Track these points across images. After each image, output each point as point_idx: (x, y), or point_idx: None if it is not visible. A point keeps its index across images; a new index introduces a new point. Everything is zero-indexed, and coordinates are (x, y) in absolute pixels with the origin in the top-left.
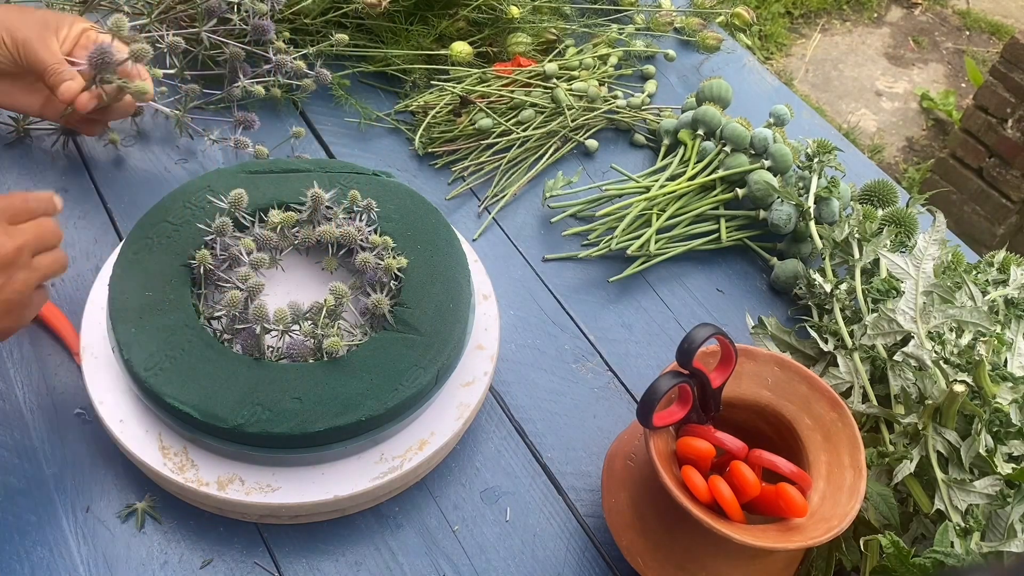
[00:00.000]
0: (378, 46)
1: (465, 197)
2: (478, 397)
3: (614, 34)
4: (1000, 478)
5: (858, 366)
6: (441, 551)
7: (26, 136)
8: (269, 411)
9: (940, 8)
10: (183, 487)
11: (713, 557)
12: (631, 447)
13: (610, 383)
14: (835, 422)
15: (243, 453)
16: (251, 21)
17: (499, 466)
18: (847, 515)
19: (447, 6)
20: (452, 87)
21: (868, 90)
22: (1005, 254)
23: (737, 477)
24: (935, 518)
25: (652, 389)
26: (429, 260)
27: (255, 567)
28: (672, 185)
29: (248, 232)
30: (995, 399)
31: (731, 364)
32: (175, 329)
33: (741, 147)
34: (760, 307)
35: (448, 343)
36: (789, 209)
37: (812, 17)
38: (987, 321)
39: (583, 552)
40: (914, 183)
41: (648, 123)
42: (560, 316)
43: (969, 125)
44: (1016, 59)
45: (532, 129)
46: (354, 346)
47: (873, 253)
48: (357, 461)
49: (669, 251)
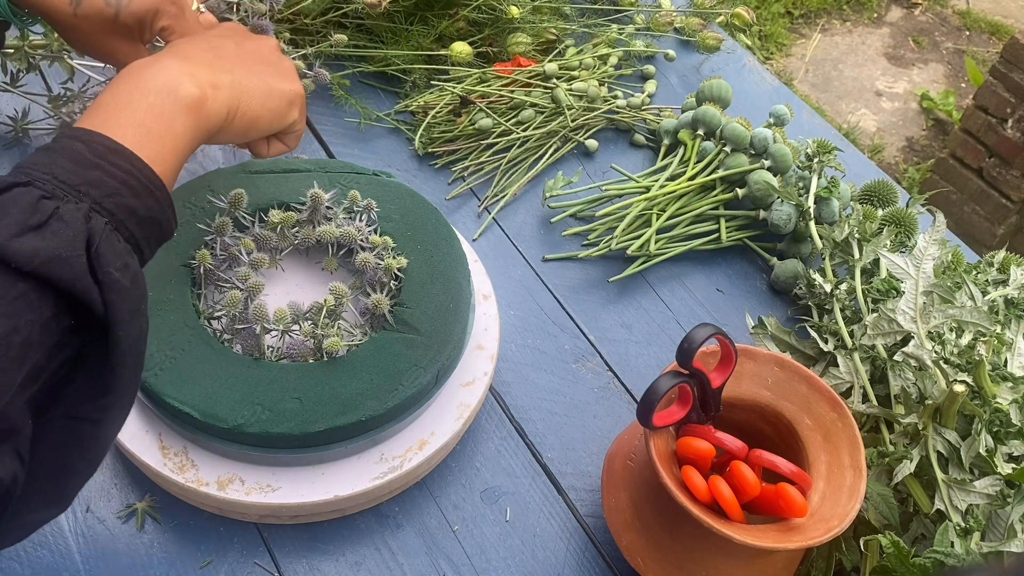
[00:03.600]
0: (378, 46)
1: (465, 197)
2: (478, 397)
3: (614, 34)
4: (1000, 478)
5: (858, 366)
6: (441, 551)
7: (25, 136)
8: (269, 411)
9: (940, 8)
10: (183, 487)
11: (713, 557)
12: (631, 447)
13: (610, 383)
14: (835, 422)
15: (243, 453)
16: (250, 21)
17: (499, 466)
18: (847, 515)
19: (447, 6)
20: (452, 87)
21: (868, 90)
22: (1005, 254)
23: (737, 477)
24: (935, 518)
25: (652, 389)
26: (429, 260)
27: (255, 567)
28: (672, 185)
29: (248, 232)
30: (995, 399)
31: (731, 364)
32: (175, 329)
33: (741, 147)
34: (760, 307)
35: (448, 343)
36: (789, 209)
37: (812, 17)
38: (987, 321)
39: (583, 552)
40: (914, 183)
41: (648, 123)
42: (560, 316)
43: (969, 125)
44: (1016, 59)
45: (532, 129)
46: (354, 346)
47: (873, 253)
48: (357, 461)
49: (669, 251)
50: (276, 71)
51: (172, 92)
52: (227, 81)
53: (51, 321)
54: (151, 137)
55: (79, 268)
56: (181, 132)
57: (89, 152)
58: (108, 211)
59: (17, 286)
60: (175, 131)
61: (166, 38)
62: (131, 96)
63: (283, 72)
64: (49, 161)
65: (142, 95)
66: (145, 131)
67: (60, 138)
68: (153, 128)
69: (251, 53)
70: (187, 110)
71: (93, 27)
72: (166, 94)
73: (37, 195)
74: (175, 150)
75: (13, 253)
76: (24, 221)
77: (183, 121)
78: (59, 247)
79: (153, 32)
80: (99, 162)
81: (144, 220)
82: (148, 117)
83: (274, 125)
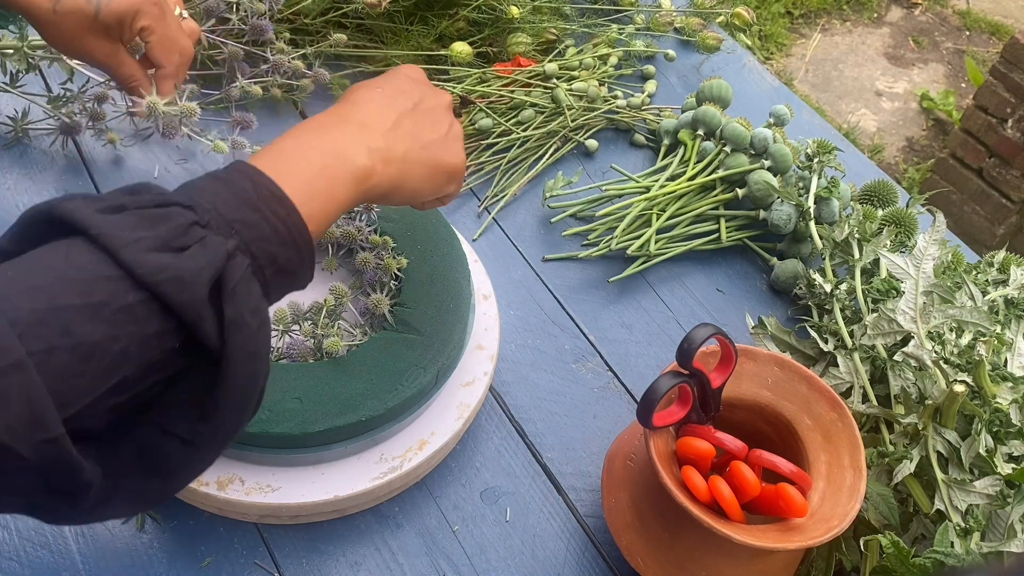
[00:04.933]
0: (378, 46)
1: (465, 197)
2: (478, 397)
3: (614, 34)
4: (1000, 478)
5: (858, 366)
6: (441, 551)
7: (24, 136)
8: (269, 411)
9: (940, 8)
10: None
11: (713, 557)
12: (631, 447)
13: (610, 383)
14: (835, 422)
15: (243, 453)
16: (249, 21)
17: (499, 466)
18: (847, 515)
19: (447, 6)
20: (452, 87)
21: (868, 90)
22: (1005, 254)
23: (737, 477)
24: (935, 518)
25: (652, 389)
26: (429, 260)
27: (255, 567)
28: (672, 185)
29: None
30: (995, 399)
31: (731, 364)
32: None
33: (741, 147)
34: (760, 307)
35: (448, 343)
36: (789, 209)
37: (812, 17)
38: (987, 321)
39: (583, 552)
40: (914, 183)
41: (648, 123)
42: (560, 316)
43: (969, 125)
44: (1016, 59)
45: (532, 129)
46: (354, 346)
47: (873, 253)
48: (357, 461)
49: (669, 251)
50: (445, 142)
51: (346, 161)
52: (399, 155)
53: (153, 338)
54: (316, 197)
55: (198, 295)
56: (342, 198)
57: (254, 193)
58: (252, 254)
59: (128, 296)
60: (337, 196)
61: (145, 38)
62: (308, 153)
63: (451, 142)
64: (215, 191)
65: (319, 155)
66: (312, 191)
67: (232, 170)
68: (320, 190)
69: (426, 117)
70: (355, 180)
71: (73, 25)
72: (341, 161)
73: (191, 219)
74: (332, 213)
75: (140, 263)
76: (169, 240)
77: (347, 189)
78: (186, 270)
79: (133, 32)
80: (260, 205)
81: (282, 270)
82: (318, 178)
83: (431, 196)
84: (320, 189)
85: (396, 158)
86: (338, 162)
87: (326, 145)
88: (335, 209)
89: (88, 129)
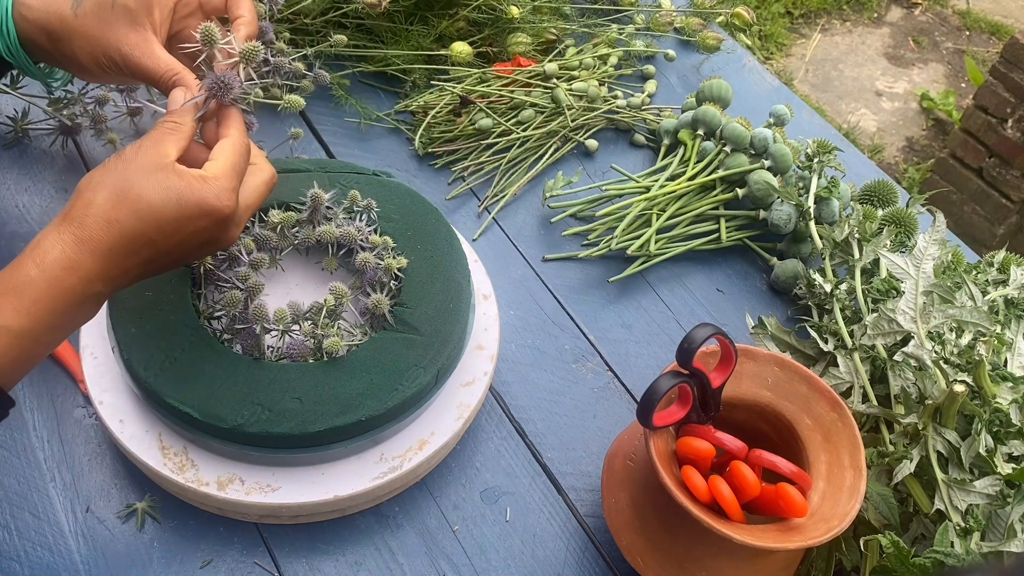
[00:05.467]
0: (378, 46)
1: (465, 197)
2: (478, 397)
3: (614, 34)
4: (1000, 478)
5: (858, 366)
6: (441, 551)
7: (24, 136)
8: (269, 411)
9: (940, 8)
10: (183, 487)
11: (713, 557)
12: (631, 447)
13: (610, 383)
14: (835, 422)
15: (243, 453)
16: None
17: (499, 466)
18: (847, 515)
19: (447, 6)
20: (452, 87)
21: (868, 90)
22: (1005, 254)
23: (737, 477)
24: (935, 518)
25: (652, 389)
26: (429, 260)
27: (255, 567)
28: (672, 185)
29: (248, 232)
30: (995, 399)
31: (731, 364)
32: (175, 329)
33: (741, 147)
34: (760, 307)
35: (448, 343)
36: (789, 209)
37: (812, 17)
38: (987, 321)
39: (583, 552)
40: (914, 183)
41: (648, 123)
42: (560, 316)
43: (969, 125)
44: (1016, 59)
45: (532, 129)
46: (354, 346)
47: (873, 253)
48: (357, 461)
49: (669, 251)
50: (195, 253)
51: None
52: (128, 280)
53: None
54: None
55: None
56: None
57: None
58: None
59: None
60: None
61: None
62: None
63: (205, 248)
64: None
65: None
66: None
67: None
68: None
69: (167, 258)
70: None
71: (96, 24)
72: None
73: None
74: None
75: None
76: None
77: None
78: None
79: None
80: None
81: None
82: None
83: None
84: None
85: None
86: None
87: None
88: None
89: (88, 129)
